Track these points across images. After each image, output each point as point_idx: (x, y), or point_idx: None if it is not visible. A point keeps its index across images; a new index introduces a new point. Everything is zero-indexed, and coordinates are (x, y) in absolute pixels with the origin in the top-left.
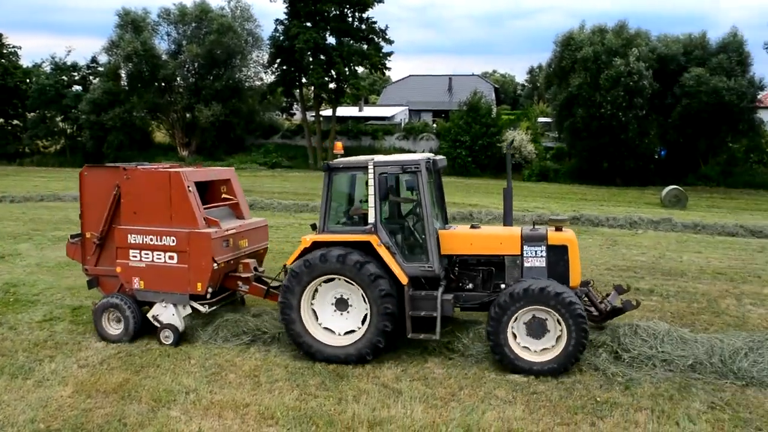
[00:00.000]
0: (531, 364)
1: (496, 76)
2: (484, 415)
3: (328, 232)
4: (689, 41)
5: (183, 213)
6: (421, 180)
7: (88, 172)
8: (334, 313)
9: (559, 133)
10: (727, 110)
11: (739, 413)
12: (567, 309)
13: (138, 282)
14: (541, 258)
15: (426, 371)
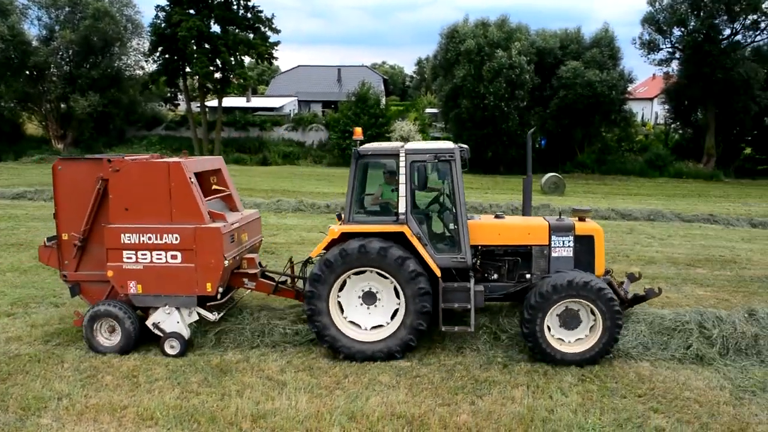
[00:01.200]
0: (563, 355)
1: (386, 68)
2: (368, 401)
3: (354, 222)
4: (565, 36)
5: (185, 207)
6: (454, 168)
7: (63, 165)
8: (360, 307)
9: (446, 124)
10: (600, 101)
11: (606, 384)
12: (606, 303)
13: (135, 286)
14: (568, 248)
15: (311, 361)
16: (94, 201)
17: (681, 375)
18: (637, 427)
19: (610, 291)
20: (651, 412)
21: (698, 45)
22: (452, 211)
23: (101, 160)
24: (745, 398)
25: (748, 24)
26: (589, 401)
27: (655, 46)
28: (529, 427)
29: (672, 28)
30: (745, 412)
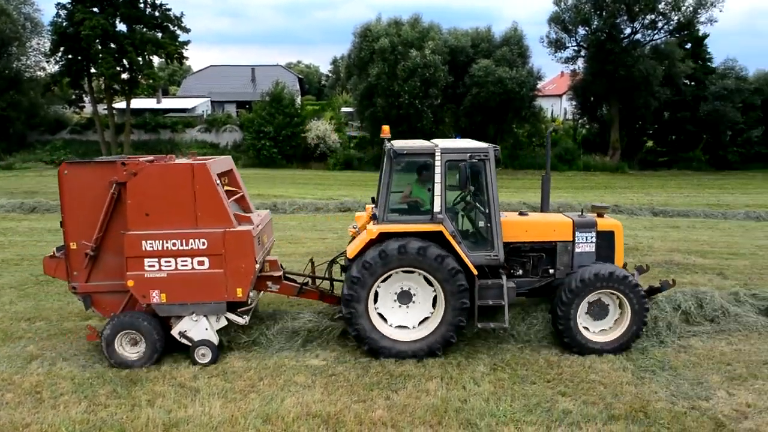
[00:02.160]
0: (595, 344)
1: (301, 67)
2: (284, 403)
3: (388, 222)
4: (477, 35)
5: (212, 211)
6: (489, 168)
7: (69, 170)
8: (394, 306)
9: (361, 122)
10: (511, 98)
11: (517, 371)
12: (633, 291)
13: (158, 295)
14: (591, 243)
15: (225, 366)
16: (108, 207)
17: (587, 359)
18: (546, 411)
19: (635, 279)
20: (559, 395)
21: (601, 43)
22: (485, 209)
23: (114, 163)
24: (646, 377)
25: (646, 23)
26: (501, 389)
27: (562, 44)
28: (443, 418)
29: (577, 28)
30: (646, 391)
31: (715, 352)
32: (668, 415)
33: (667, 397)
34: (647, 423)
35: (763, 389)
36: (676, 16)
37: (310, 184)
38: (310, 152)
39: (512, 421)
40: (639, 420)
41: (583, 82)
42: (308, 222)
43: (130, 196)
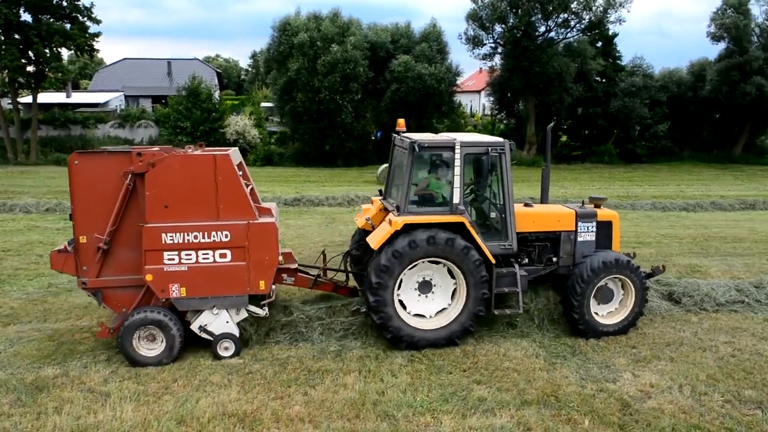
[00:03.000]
0: (605, 326)
1: (220, 61)
2: (199, 403)
3: (409, 213)
4: (396, 30)
5: (234, 202)
6: (505, 161)
7: (80, 159)
8: (413, 294)
9: (282, 118)
10: (430, 94)
11: (434, 362)
12: (636, 275)
13: (178, 289)
14: (591, 233)
15: (138, 369)
16: (123, 198)
17: (502, 348)
18: (462, 399)
19: (636, 264)
20: (474, 384)
21: (517, 41)
22: (500, 201)
23: (129, 154)
24: (557, 363)
25: (560, 22)
26: (418, 380)
27: (479, 41)
28: (360, 411)
29: (494, 25)
30: (557, 375)
31: (621, 336)
32: (578, 398)
33: (577, 381)
34: (558, 406)
35: (665, 369)
36: (587, 16)
37: None
38: None
39: (429, 411)
40: (550, 404)
41: (500, 79)
42: None
43: (148, 188)
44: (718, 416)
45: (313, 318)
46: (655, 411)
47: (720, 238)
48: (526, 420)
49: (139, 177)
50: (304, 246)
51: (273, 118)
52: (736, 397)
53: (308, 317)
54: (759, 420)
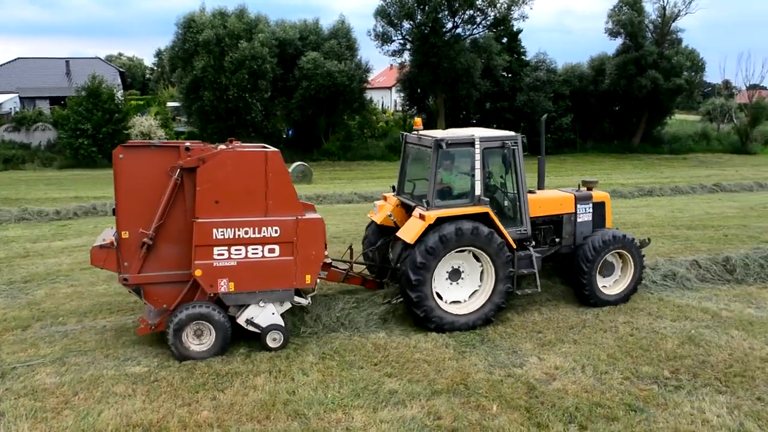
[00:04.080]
0: (609, 297)
1: (123, 60)
2: (101, 416)
3: (436, 208)
4: (305, 27)
5: (283, 198)
6: (518, 154)
7: (125, 153)
8: (445, 283)
9: (189, 117)
10: (341, 91)
11: (345, 358)
12: (634, 248)
13: (226, 284)
14: (588, 213)
15: (35, 383)
16: (171, 193)
17: (413, 339)
18: (373, 393)
19: (635, 238)
20: (386, 377)
21: (425, 37)
22: (515, 191)
23: (177, 148)
24: (467, 351)
25: (466, 18)
26: (329, 377)
27: (388, 38)
28: (270, 411)
29: (402, 21)
30: (466, 364)
31: (528, 322)
32: (486, 384)
33: (485, 368)
34: (467, 394)
35: (569, 352)
36: (492, 12)
37: None
38: None
39: (340, 407)
40: (460, 392)
41: (409, 75)
42: None
43: (200, 183)
44: (617, 393)
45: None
46: (560, 392)
47: (620, 224)
48: (437, 409)
49: (187, 172)
50: None
51: (180, 118)
52: (634, 374)
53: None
54: (655, 394)
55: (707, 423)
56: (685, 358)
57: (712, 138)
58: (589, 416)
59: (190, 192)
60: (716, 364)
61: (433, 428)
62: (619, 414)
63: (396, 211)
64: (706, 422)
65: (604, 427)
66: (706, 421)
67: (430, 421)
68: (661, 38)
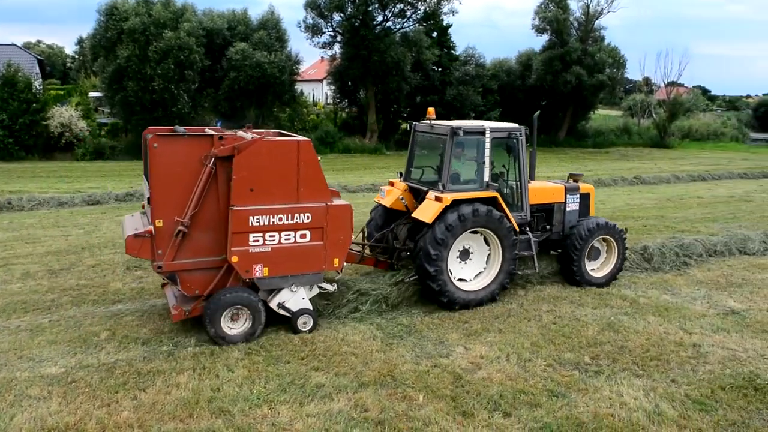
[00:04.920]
0: (597, 279)
1: (42, 47)
2: (13, 421)
3: (450, 191)
4: (233, 17)
5: (314, 185)
6: (521, 144)
7: (159, 143)
8: (455, 261)
9: (112, 108)
10: (271, 83)
11: (272, 352)
12: (619, 235)
13: (261, 269)
14: (576, 203)
15: None
16: (205, 182)
17: (340, 333)
18: (300, 387)
19: (618, 227)
20: (312, 371)
21: (355, 30)
22: (517, 179)
23: (210, 137)
24: (394, 343)
25: (396, 12)
26: (255, 372)
27: (319, 30)
28: (194, 409)
29: (332, 14)
30: (394, 355)
31: (455, 313)
32: (413, 375)
33: (412, 359)
34: (394, 385)
35: (494, 341)
36: (422, 7)
37: (53, 177)
38: (54, 142)
39: (266, 403)
40: (387, 383)
41: (340, 67)
42: (49, 219)
43: (236, 172)
44: (541, 380)
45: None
46: (485, 380)
47: None
48: (363, 402)
49: (221, 160)
50: None
51: (103, 109)
52: (557, 361)
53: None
54: (576, 379)
55: (625, 406)
56: (605, 344)
57: (633, 132)
58: (513, 403)
59: (223, 180)
60: (634, 349)
61: (360, 420)
62: (542, 400)
63: (405, 196)
64: (624, 405)
65: (528, 413)
66: (624, 404)
67: (356, 413)
68: (585, 35)
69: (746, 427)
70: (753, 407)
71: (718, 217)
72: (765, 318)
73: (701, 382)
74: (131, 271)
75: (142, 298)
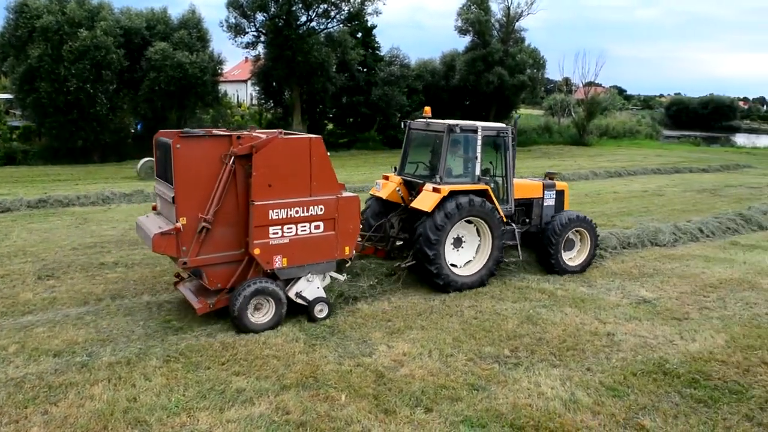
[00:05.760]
0: (572, 268)
1: None
2: None
3: (448, 183)
4: (152, 16)
5: (325, 179)
6: (509, 142)
7: (182, 144)
8: (449, 248)
9: (24, 110)
10: (193, 83)
11: (191, 359)
12: (591, 227)
13: (280, 260)
14: (552, 199)
15: None
16: (227, 179)
17: (262, 336)
18: (220, 393)
19: (591, 219)
20: (233, 376)
21: (279, 30)
22: (504, 174)
23: (229, 137)
24: (317, 344)
25: (320, 12)
26: (174, 380)
27: (242, 29)
28: (108, 421)
29: (255, 13)
30: (316, 356)
31: (378, 311)
32: (336, 375)
33: (335, 359)
34: (317, 386)
35: (417, 338)
36: (346, 7)
37: None
38: None
39: (184, 410)
40: (309, 385)
41: (264, 68)
42: None
43: (256, 168)
44: (461, 374)
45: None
46: (407, 377)
47: None
48: (285, 404)
49: (240, 159)
50: (49, 251)
51: (14, 112)
52: (478, 355)
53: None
54: (496, 372)
55: (542, 395)
56: (524, 336)
57: (554, 131)
58: (434, 398)
59: (242, 177)
60: (551, 340)
61: (282, 423)
62: (463, 394)
63: (401, 189)
64: (542, 395)
65: (449, 408)
66: (542, 394)
67: (278, 416)
68: (506, 37)
69: (656, 410)
70: (662, 391)
71: (632, 211)
72: (674, 306)
73: (614, 369)
74: (43, 280)
75: (54, 309)
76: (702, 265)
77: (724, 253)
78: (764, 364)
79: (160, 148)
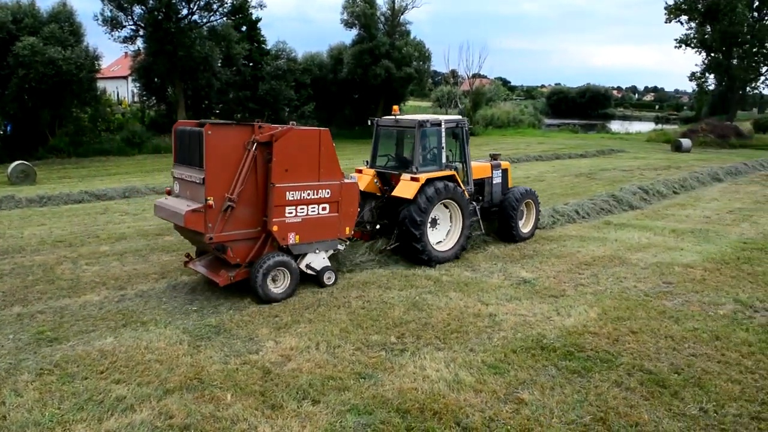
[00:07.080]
0: (524, 234)
1: None
2: None
3: (422, 172)
4: (19, 9)
5: (330, 166)
6: (465, 133)
7: (212, 131)
8: (427, 227)
9: None
10: (67, 80)
11: (67, 370)
12: (536, 198)
13: (293, 237)
14: (499, 177)
15: None
16: (249, 164)
17: (144, 340)
18: (98, 403)
19: (535, 191)
20: (113, 384)
21: (158, 23)
22: (463, 160)
23: (252, 126)
24: (202, 345)
25: (202, 5)
26: (48, 393)
27: (118, 23)
28: None
29: (132, 6)
30: (202, 357)
31: (264, 307)
32: (221, 375)
33: (221, 359)
34: (201, 388)
35: (304, 331)
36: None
37: None
38: None
39: (59, 424)
40: (194, 387)
41: (144, 63)
42: None
43: (275, 155)
44: (349, 364)
45: None
46: (294, 371)
47: None
48: (168, 408)
49: (261, 145)
50: None
51: None
52: (365, 344)
53: None
54: (383, 359)
55: (427, 378)
56: (410, 322)
57: None
58: (321, 390)
59: (261, 162)
60: (436, 324)
61: (165, 428)
62: (350, 383)
63: (378, 180)
64: (427, 378)
65: (336, 398)
66: (427, 377)
67: (161, 422)
68: (392, 30)
69: (534, 383)
70: (540, 365)
71: None
72: (552, 284)
73: (495, 348)
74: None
75: None
76: (578, 244)
77: (597, 232)
78: (632, 333)
79: (183, 136)
